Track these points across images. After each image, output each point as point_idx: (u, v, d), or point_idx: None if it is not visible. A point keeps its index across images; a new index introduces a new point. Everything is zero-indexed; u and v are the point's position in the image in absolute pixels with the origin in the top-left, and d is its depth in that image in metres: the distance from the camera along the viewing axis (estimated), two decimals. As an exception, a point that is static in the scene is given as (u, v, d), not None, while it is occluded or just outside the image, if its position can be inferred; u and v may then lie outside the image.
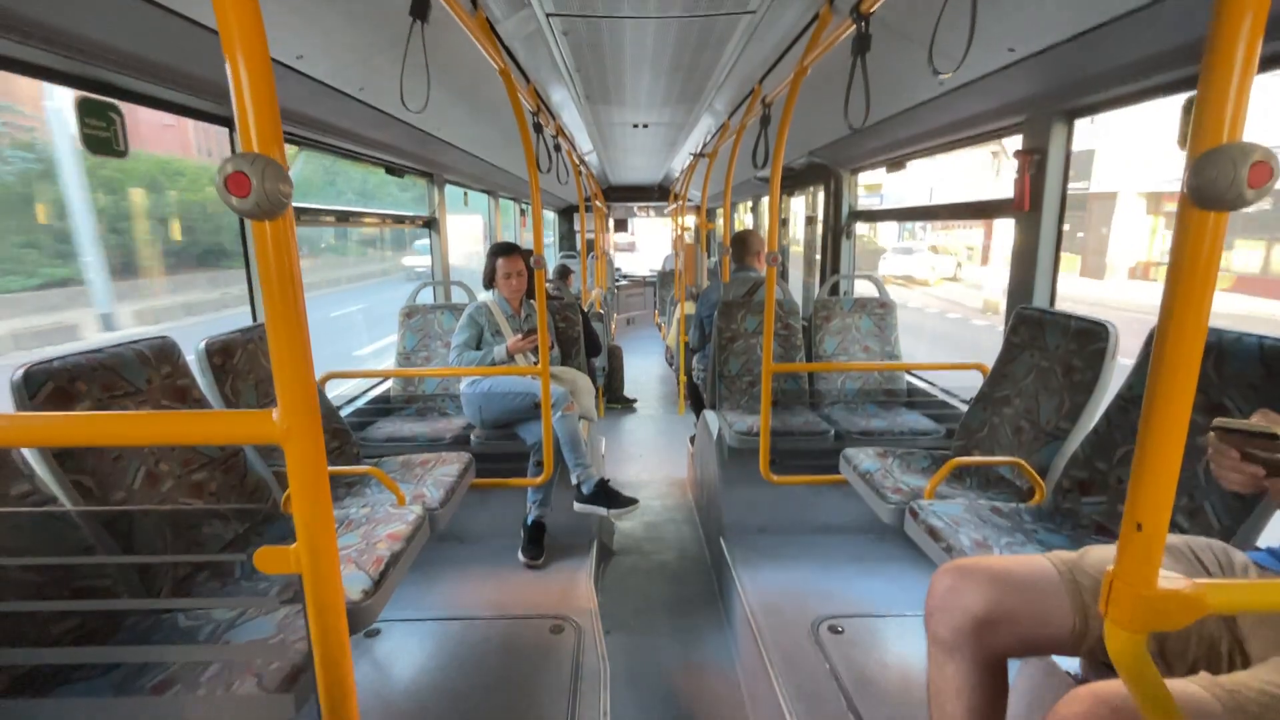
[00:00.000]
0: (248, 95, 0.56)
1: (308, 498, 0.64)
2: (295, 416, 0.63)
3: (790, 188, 5.09)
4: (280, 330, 0.61)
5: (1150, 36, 1.53)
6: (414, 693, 1.79)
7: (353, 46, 1.91)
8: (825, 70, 2.27)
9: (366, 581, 1.41)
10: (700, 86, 3.11)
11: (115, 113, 1.59)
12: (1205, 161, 0.53)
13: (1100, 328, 1.77)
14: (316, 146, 2.66)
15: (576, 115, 3.88)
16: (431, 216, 3.93)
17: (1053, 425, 1.84)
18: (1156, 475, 0.60)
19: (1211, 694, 0.77)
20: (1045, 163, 2.10)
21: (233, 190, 0.55)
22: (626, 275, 11.29)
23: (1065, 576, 1.06)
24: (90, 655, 1.13)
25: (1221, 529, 1.29)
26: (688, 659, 2.27)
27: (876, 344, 3.18)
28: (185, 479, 1.55)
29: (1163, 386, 0.59)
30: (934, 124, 2.61)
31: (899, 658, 1.88)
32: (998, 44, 1.76)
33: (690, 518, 3.45)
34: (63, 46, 1.40)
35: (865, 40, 1.56)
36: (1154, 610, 0.61)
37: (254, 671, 1.10)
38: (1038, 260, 2.19)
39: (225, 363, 1.87)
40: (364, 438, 2.66)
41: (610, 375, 5.58)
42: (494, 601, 2.25)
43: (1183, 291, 0.58)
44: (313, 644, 0.68)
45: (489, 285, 2.87)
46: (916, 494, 1.86)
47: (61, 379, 1.32)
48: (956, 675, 1.12)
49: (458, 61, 2.28)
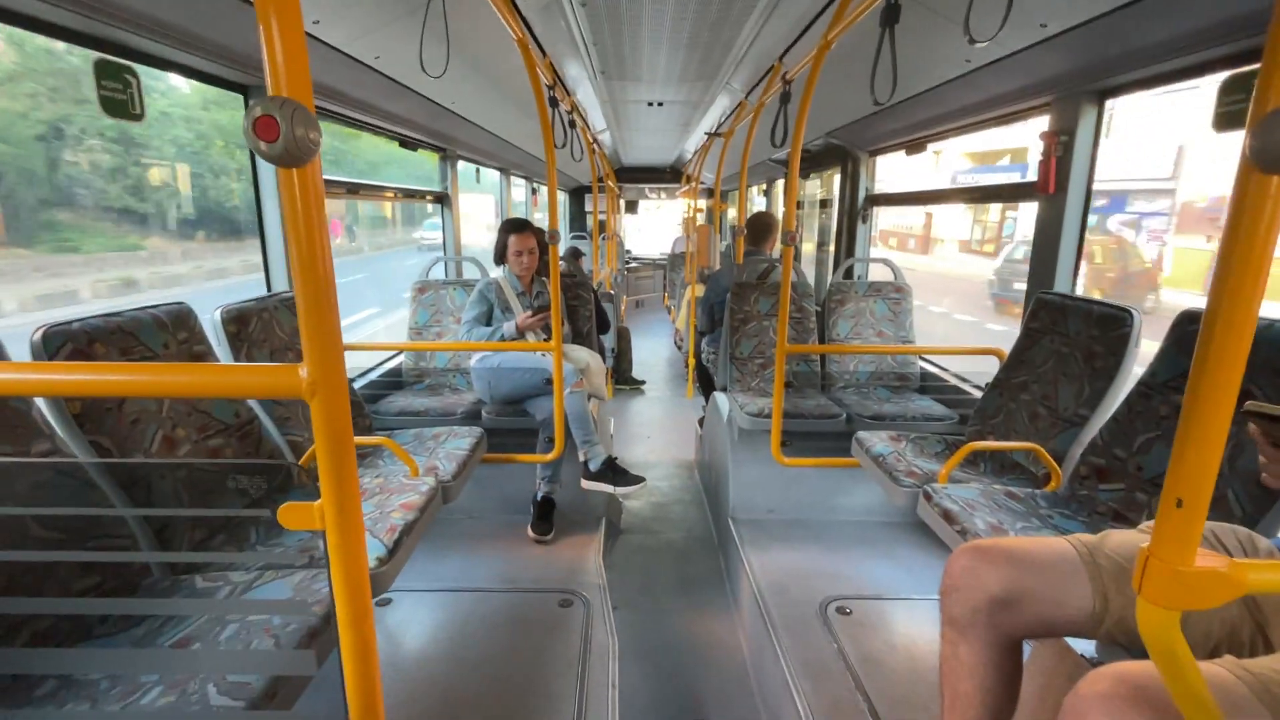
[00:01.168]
0: (278, 38, 0.55)
1: (333, 454, 0.64)
2: (322, 372, 0.62)
3: (806, 170, 5.02)
4: (309, 284, 0.60)
5: (1189, 12, 1.48)
6: (425, 662, 1.81)
7: (371, 12, 1.88)
8: (848, 47, 2.22)
9: (381, 549, 1.42)
10: (718, 63, 3.06)
11: (131, 75, 1.57)
12: (1273, 121, 0.50)
13: (1124, 313, 1.74)
14: (330, 116, 2.63)
15: (591, 92, 3.83)
16: (444, 191, 3.90)
17: (1071, 411, 1.82)
18: (1199, 451, 0.59)
19: (1237, 677, 0.76)
20: (1073, 144, 2.05)
21: (260, 135, 0.54)
22: (636, 258, 11.23)
23: (1085, 558, 1.05)
24: (111, 606, 1.14)
25: (1244, 517, 1.27)
26: (694, 635, 2.28)
27: (891, 328, 3.15)
28: (202, 445, 1.56)
29: (1212, 360, 0.57)
30: (958, 104, 2.55)
31: (907, 639, 1.89)
32: (1030, 19, 1.71)
33: (697, 499, 3.45)
34: (81, 5, 1.38)
35: (895, 11, 1.52)
36: (1190, 588, 0.60)
37: (271, 632, 1.11)
38: (1060, 245, 2.15)
39: (240, 331, 1.87)
40: (376, 411, 2.67)
41: (619, 357, 5.57)
42: (504, 574, 2.27)
43: (1239, 262, 0.55)
44: (335, 602, 0.68)
45: (499, 261, 2.85)
46: (930, 478, 1.85)
47: (80, 340, 1.32)
48: (971, 655, 1.11)
49: (474, 32, 2.24)
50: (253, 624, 1.14)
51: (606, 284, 5.99)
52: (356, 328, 8.97)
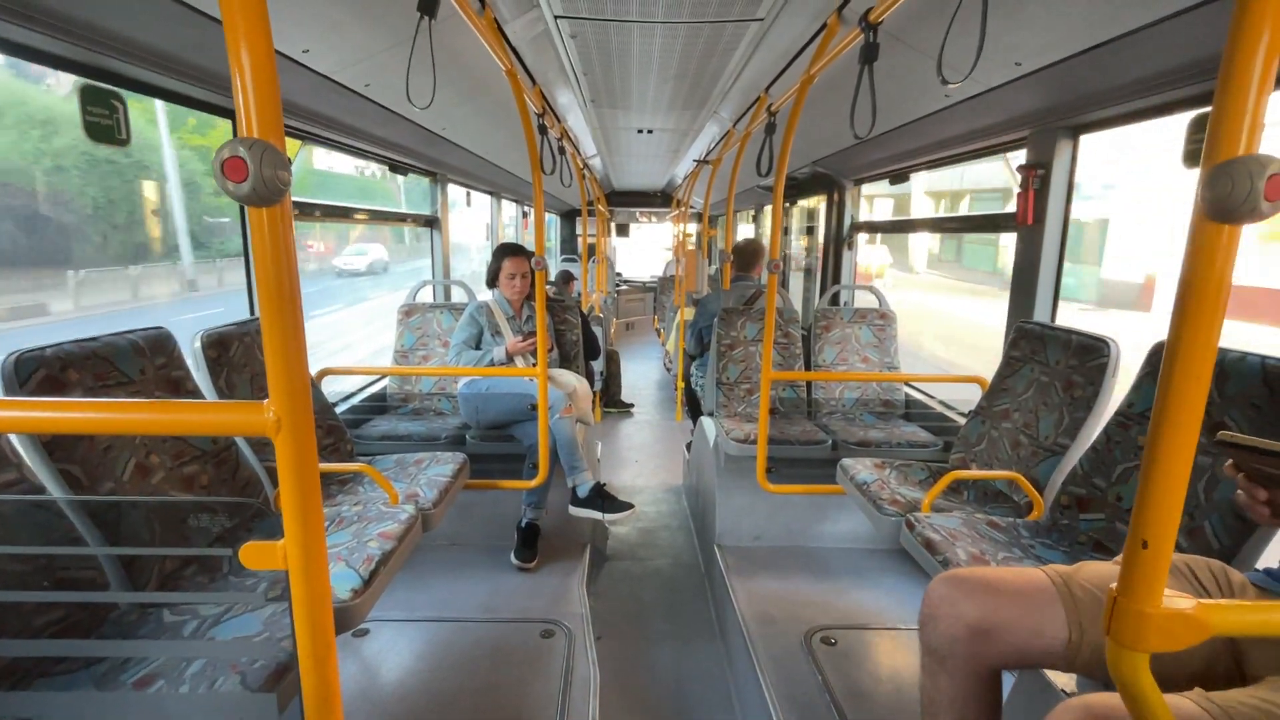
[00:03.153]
0: (249, 78, 0.55)
1: (298, 493, 0.63)
2: (287, 409, 0.61)
3: (792, 198, 5.10)
4: (275, 321, 0.60)
5: (1159, 53, 1.53)
6: (402, 695, 1.76)
7: (360, 42, 1.90)
8: (832, 80, 2.26)
9: (356, 580, 1.39)
10: (706, 93, 3.11)
11: (117, 100, 1.58)
12: (1220, 173, 0.52)
13: (1102, 343, 1.76)
14: (321, 141, 2.65)
15: (581, 119, 3.88)
16: (434, 215, 3.92)
17: (1052, 440, 1.83)
18: (1163, 492, 0.59)
19: (1203, 709, 0.76)
20: (1049, 178, 2.10)
21: (229, 175, 0.54)
22: (627, 280, 11.28)
23: (1061, 589, 1.05)
24: (70, 649, 1.10)
25: (1221, 549, 1.27)
26: (679, 666, 2.25)
27: (876, 355, 3.18)
28: (176, 471, 1.53)
29: (1172, 402, 0.58)
30: (938, 136, 2.61)
31: (892, 670, 1.87)
32: (1005, 57, 1.76)
33: (685, 524, 3.43)
34: (64, 32, 1.39)
35: (873, 50, 1.56)
36: (1158, 630, 0.60)
37: (239, 669, 1.08)
38: (1039, 275, 2.18)
39: (221, 356, 1.86)
40: (359, 435, 2.64)
41: (608, 380, 5.56)
42: (485, 604, 2.23)
43: (1193, 306, 0.57)
44: (298, 643, 0.67)
45: (492, 284, 2.86)
46: (913, 506, 1.84)
47: (53, 367, 1.31)
48: (950, 685, 1.10)
49: (464, 61, 2.28)
50: (220, 659, 1.11)
51: (596, 309, 6.00)
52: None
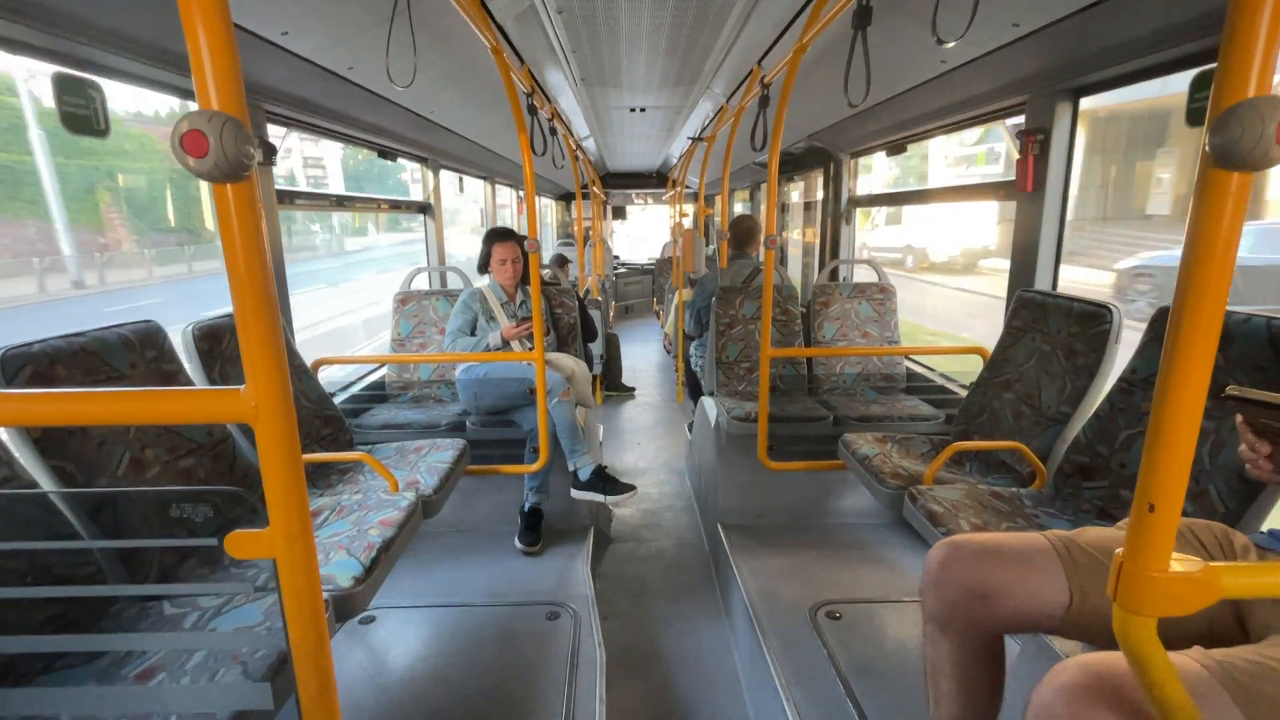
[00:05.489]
0: (204, 47, 0.53)
1: (280, 479, 0.61)
2: (265, 394, 0.60)
3: (789, 173, 5.03)
4: (247, 303, 0.58)
5: (1160, 10, 1.49)
6: (409, 680, 1.77)
7: (339, 22, 1.86)
8: (825, 51, 2.21)
9: (357, 568, 1.39)
10: (698, 68, 3.05)
11: (95, 89, 1.54)
12: (1229, 117, 0.49)
13: (1104, 310, 1.74)
14: (306, 128, 2.60)
15: (573, 99, 3.81)
16: (426, 201, 3.88)
17: (1054, 409, 1.82)
18: (1170, 455, 0.57)
19: (1203, 665, 0.76)
20: (1049, 143, 2.06)
21: (189, 150, 0.51)
22: (625, 263, 11.21)
23: (1061, 553, 1.04)
24: (69, 644, 1.10)
25: (1226, 512, 1.26)
26: (685, 645, 2.26)
27: (876, 329, 3.15)
28: (172, 464, 1.52)
29: (1179, 362, 0.56)
30: (935, 104, 2.56)
31: (897, 643, 1.87)
32: (1002, 18, 1.72)
33: (688, 505, 3.43)
34: (35, 19, 1.35)
35: (866, 13, 1.52)
36: (1165, 594, 0.58)
37: (239, 659, 1.08)
38: (1040, 243, 2.15)
39: (213, 348, 1.84)
40: (358, 425, 2.64)
41: (608, 363, 5.54)
42: (490, 588, 2.24)
43: (1202, 260, 0.54)
44: (289, 630, 0.66)
45: (484, 270, 2.83)
46: (915, 479, 1.83)
47: (40, 363, 1.29)
48: (951, 651, 1.10)
49: (450, 41, 2.23)
50: (221, 650, 1.11)
51: (594, 291, 5.96)
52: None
